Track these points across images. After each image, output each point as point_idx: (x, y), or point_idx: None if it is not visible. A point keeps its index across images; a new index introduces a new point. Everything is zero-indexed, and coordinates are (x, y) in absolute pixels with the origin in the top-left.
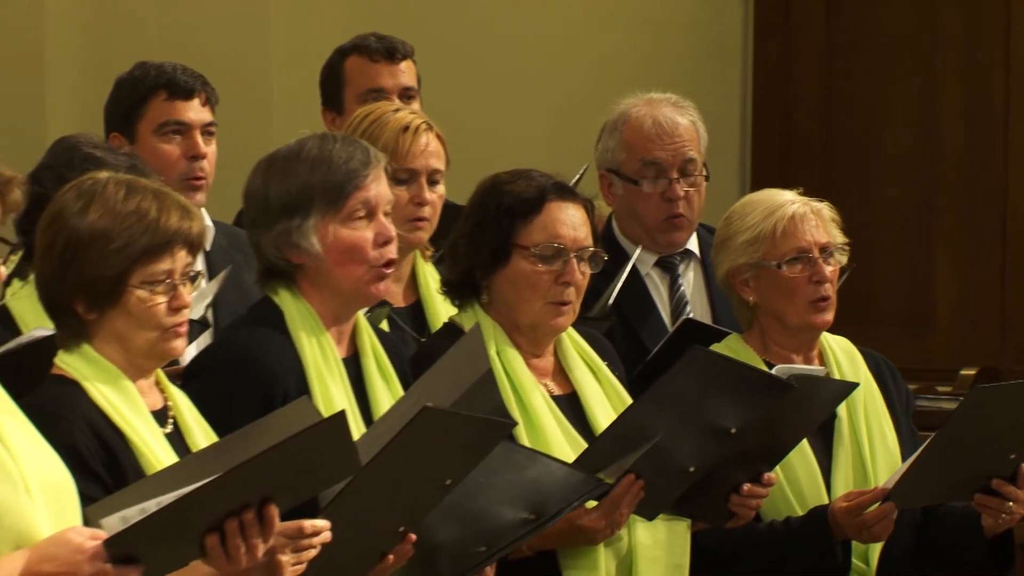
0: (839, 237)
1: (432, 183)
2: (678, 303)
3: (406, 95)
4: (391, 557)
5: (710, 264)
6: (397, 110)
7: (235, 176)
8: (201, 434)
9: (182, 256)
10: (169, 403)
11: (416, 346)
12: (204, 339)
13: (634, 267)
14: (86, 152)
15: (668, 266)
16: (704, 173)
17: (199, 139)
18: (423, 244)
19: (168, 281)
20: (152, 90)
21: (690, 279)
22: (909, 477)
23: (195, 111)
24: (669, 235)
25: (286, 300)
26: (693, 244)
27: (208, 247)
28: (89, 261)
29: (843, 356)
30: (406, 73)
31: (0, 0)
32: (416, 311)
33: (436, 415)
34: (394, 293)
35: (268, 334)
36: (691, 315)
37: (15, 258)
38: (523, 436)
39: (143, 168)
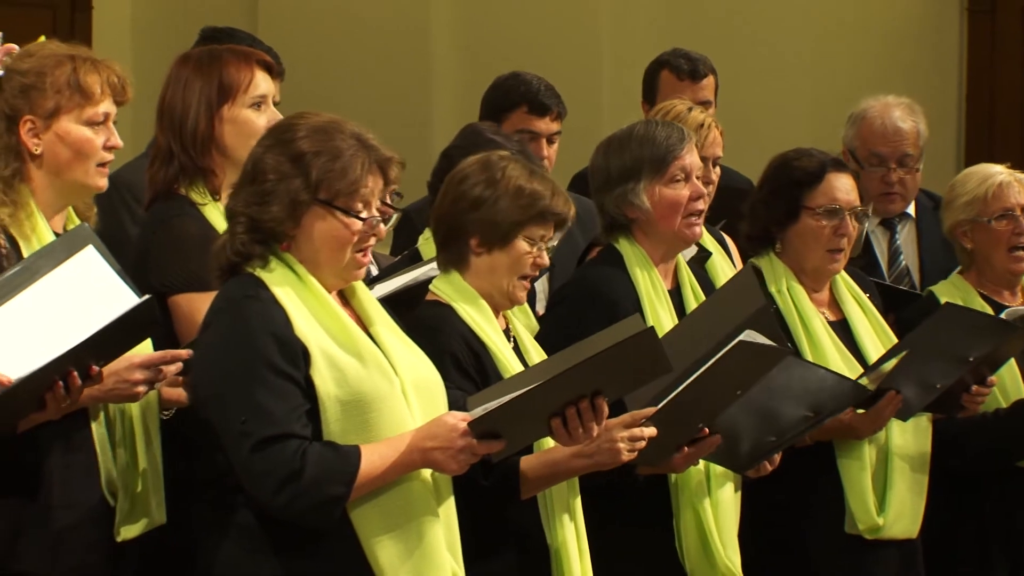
0: None
1: (715, 164)
2: (894, 254)
3: (704, 106)
4: (687, 449)
5: (924, 225)
6: (691, 109)
7: (574, 157)
8: (533, 350)
9: (551, 229)
10: (510, 325)
11: None
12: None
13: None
14: (488, 136)
15: (888, 224)
16: (918, 166)
17: (544, 145)
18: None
19: (541, 244)
20: (517, 103)
21: (905, 236)
22: None
23: (546, 124)
24: (883, 205)
25: (624, 246)
26: (911, 209)
27: None
28: (502, 207)
29: None
30: (705, 89)
31: (391, 15)
32: (703, 256)
33: (749, 347)
34: None
35: (612, 271)
36: (903, 263)
37: (396, 218)
38: (806, 351)
39: (529, 152)
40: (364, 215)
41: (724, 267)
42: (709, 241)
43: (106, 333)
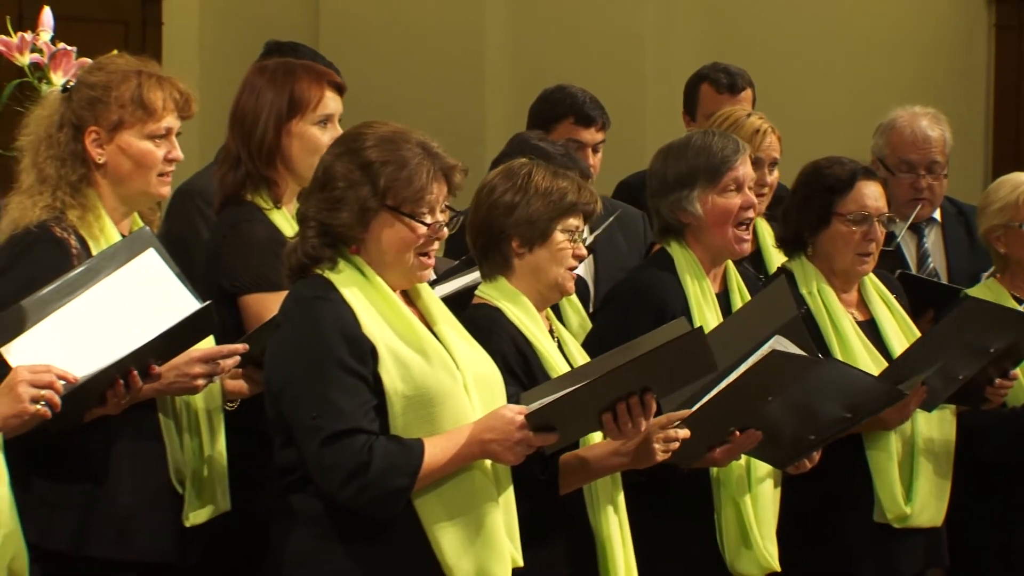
0: None
1: (772, 167)
2: (922, 257)
3: None
4: (718, 450)
5: (948, 230)
6: (749, 115)
7: (619, 166)
8: (575, 348)
9: (582, 220)
10: (553, 326)
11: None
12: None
13: (891, 232)
14: (534, 144)
15: (916, 229)
16: (944, 172)
17: (589, 154)
18: (761, 211)
19: (575, 235)
20: (564, 115)
21: (932, 240)
22: None
23: (591, 134)
24: (912, 211)
25: (676, 250)
26: (937, 214)
27: None
28: (536, 206)
29: None
30: (743, 102)
31: (446, 31)
32: (756, 257)
33: (780, 356)
34: None
35: (662, 274)
36: (932, 266)
37: (459, 222)
38: (836, 350)
39: (574, 156)
40: (429, 220)
41: None
42: (770, 242)
43: (167, 336)
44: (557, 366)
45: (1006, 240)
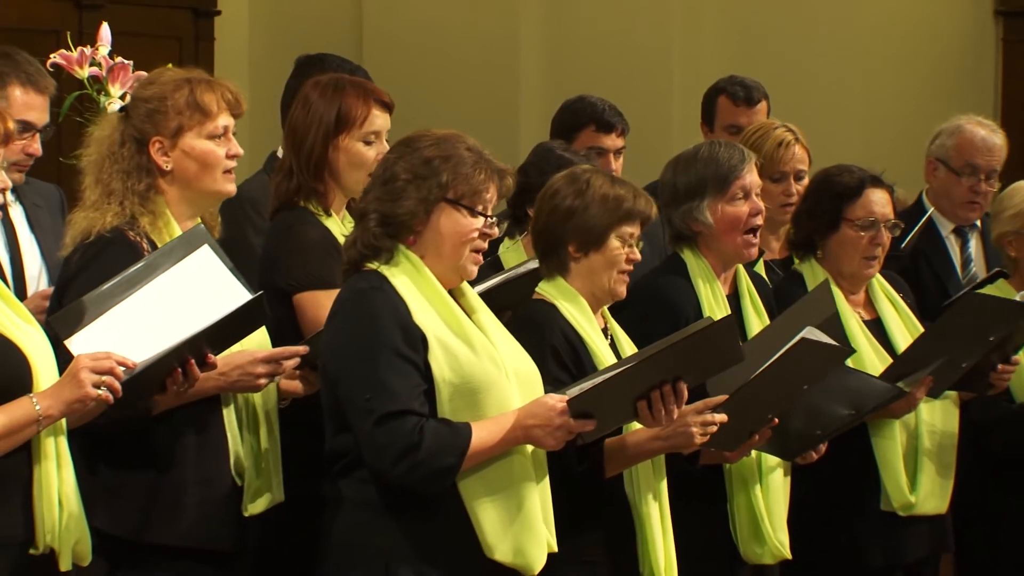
0: None
1: (797, 179)
2: (966, 260)
3: None
4: (757, 436)
5: (988, 239)
6: (777, 127)
7: (644, 171)
8: (627, 344)
9: (638, 227)
10: (607, 324)
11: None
12: None
13: (939, 233)
14: (558, 153)
15: (961, 232)
16: (998, 181)
17: (611, 159)
18: (787, 221)
19: (631, 240)
20: (585, 123)
21: (974, 246)
22: None
23: (612, 140)
24: (967, 213)
25: (688, 256)
26: (978, 223)
27: None
28: (593, 212)
29: None
30: (759, 113)
31: (483, 47)
32: (788, 261)
33: (811, 344)
34: (773, 248)
35: (676, 279)
36: (974, 270)
37: (504, 225)
38: None
39: (596, 166)
40: (486, 214)
41: None
42: None
43: (221, 325)
44: (606, 360)
45: (1017, 245)
